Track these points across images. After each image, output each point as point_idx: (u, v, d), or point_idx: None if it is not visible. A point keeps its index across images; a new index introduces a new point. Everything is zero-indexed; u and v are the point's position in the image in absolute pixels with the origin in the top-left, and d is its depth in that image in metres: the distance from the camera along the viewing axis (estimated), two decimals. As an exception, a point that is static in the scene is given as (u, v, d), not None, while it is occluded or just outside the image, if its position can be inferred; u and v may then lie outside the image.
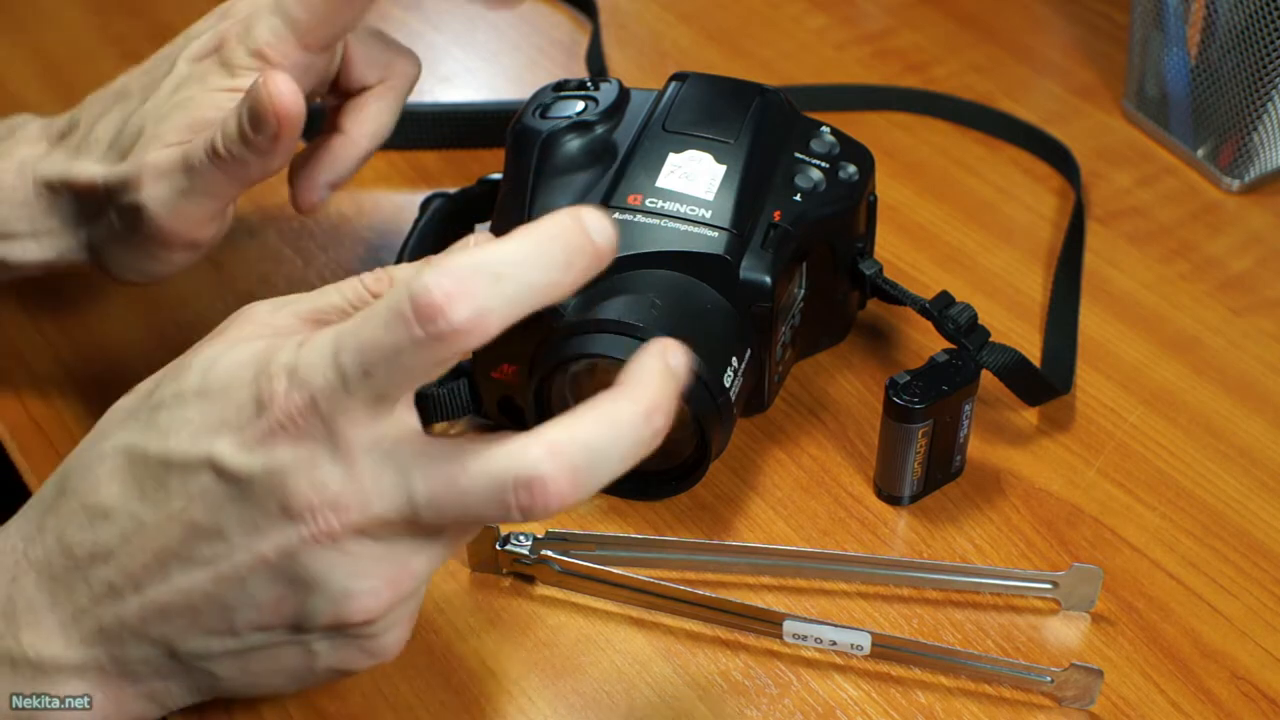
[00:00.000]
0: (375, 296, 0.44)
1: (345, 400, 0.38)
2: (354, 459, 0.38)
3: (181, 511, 0.40)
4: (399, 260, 0.61)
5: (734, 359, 0.52)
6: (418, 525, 0.39)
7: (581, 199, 0.56)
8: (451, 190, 0.65)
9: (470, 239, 0.47)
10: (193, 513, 0.40)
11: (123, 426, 0.43)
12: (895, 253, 0.67)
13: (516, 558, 0.51)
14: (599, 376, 0.53)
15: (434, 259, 0.43)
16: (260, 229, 0.68)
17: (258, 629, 0.41)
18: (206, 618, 0.41)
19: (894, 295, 0.58)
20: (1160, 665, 0.50)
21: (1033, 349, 0.62)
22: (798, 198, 0.56)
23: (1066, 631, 0.51)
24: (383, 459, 0.39)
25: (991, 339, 0.56)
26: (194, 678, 0.43)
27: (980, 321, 0.56)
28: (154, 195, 0.51)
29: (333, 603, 0.40)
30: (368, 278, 0.45)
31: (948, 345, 0.55)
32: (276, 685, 0.44)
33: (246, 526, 0.39)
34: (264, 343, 0.41)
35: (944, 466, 0.55)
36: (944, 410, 0.53)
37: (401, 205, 0.70)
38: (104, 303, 0.64)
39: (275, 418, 0.38)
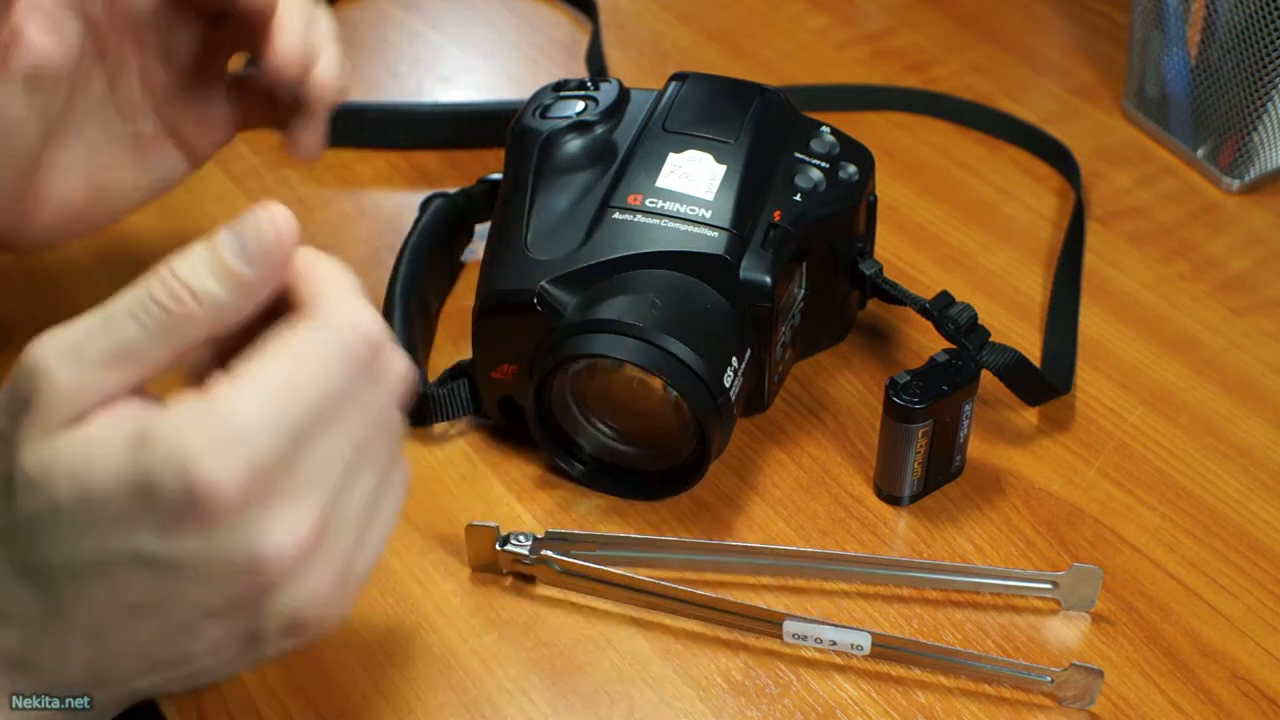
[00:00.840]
0: (175, 308, 0.37)
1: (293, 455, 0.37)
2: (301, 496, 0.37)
3: (109, 597, 0.38)
4: (399, 260, 0.61)
5: (734, 359, 0.52)
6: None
7: (582, 199, 0.56)
8: (451, 190, 0.65)
9: None
10: (125, 596, 0.38)
11: None
12: (895, 253, 0.67)
13: (516, 558, 0.51)
14: (599, 376, 0.53)
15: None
16: (260, 229, 0.68)
17: (214, 656, 0.40)
18: (161, 663, 0.40)
19: (894, 295, 0.58)
20: (1160, 665, 0.49)
21: (1033, 349, 0.62)
22: (798, 198, 0.56)
23: (1066, 631, 0.51)
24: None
25: (991, 339, 0.56)
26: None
27: (980, 321, 0.56)
28: None
29: (287, 615, 0.38)
30: (157, 289, 0.37)
31: (948, 345, 0.55)
32: (229, 674, 0.42)
33: (190, 594, 0.37)
34: (130, 430, 0.36)
35: (944, 466, 0.55)
36: (944, 410, 0.53)
37: (401, 205, 0.70)
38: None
39: (211, 502, 0.36)
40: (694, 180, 0.55)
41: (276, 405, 0.36)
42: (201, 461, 0.35)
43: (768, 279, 0.53)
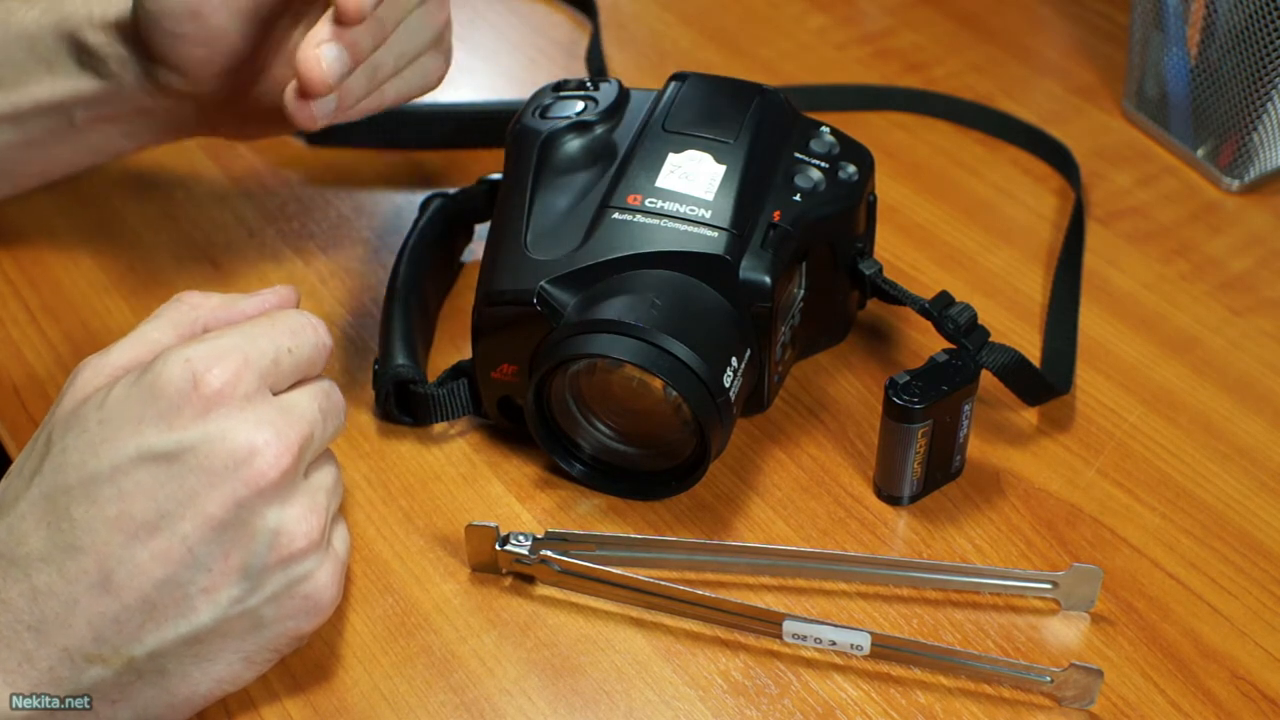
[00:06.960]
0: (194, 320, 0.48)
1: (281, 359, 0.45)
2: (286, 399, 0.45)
3: (118, 514, 0.42)
4: (398, 260, 0.61)
5: (734, 359, 0.52)
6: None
7: (581, 199, 0.56)
8: (451, 190, 0.65)
9: None
10: (130, 510, 0.42)
11: (27, 487, 0.43)
12: (895, 253, 0.67)
13: (516, 558, 0.51)
14: (599, 376, 0.53)
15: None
16: (260, 229, 0.68)
17: (210, 599, 0.43)
18: (161, 606, 0.42)
19: (894, 295, 0.58)
20: (1160, 665, 0.50)
21: (1033, 349, 0.62)
22: (797, 198, 0.56)
23: (1066, 631, 0.51)
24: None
25: (991, 339, 0.56)
26: (144, 695, 0.44)
27: (980, 321, 0.56)
28: None
29: (274, 536, 0.43)
30: (186, 306, 0.48)
31: (948, 345, 0.55)
32: (232, 672, 0.45)
33: (192, 496, 0.42)
34: (143, 360, 0.45)
35: (944, 466, 0.55)
36: (944, 410, 0.53)
37: (401, 205, 0.70)
38: (104, 302, 0.64)
39: (209, 382, 0.43)
40: (694, 180, 0.55)
41: (252, 333, 0.45)
42: (199, 355, 0.43)
43: (767, 279, 0.53)
